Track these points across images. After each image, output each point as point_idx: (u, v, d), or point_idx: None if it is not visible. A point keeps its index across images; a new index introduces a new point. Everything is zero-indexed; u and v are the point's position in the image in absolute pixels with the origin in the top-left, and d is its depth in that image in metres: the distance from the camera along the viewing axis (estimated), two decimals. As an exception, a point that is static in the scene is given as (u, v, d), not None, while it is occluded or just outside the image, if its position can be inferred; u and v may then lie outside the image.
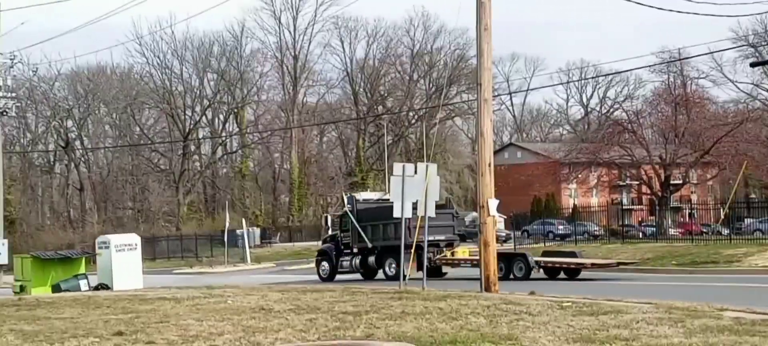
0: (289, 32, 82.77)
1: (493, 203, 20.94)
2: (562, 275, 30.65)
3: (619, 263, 32.55)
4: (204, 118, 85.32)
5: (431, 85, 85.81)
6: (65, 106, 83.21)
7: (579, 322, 13.23)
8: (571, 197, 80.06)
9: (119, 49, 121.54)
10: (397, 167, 23.35)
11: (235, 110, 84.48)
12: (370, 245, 34.13)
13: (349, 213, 34.93)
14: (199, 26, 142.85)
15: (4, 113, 45.57)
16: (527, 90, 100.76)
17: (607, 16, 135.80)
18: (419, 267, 29.01)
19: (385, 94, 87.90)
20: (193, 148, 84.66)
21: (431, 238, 30.69)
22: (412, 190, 22.49)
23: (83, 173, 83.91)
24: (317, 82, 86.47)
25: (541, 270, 30.72)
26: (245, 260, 54.48)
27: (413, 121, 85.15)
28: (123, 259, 30.88)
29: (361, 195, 39.44)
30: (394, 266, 31.99)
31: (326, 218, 41.42)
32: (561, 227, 62.79)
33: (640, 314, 13.86)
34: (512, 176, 77.20)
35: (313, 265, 38.61)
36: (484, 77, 21.01)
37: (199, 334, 13.15)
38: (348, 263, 35.19)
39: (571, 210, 69.26)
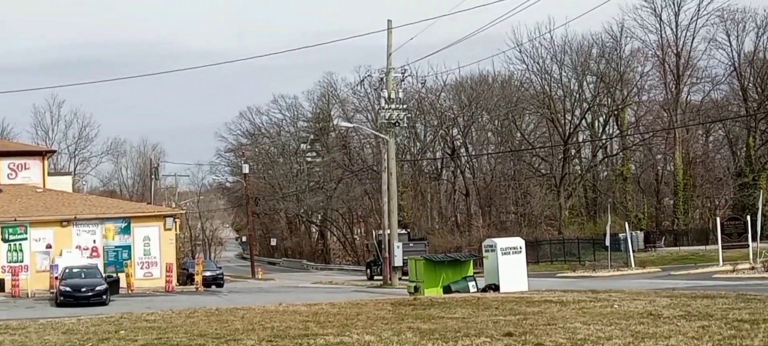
0: (671, 29, 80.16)
1: None
2: None
3: None
4: (584, 121, 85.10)
5: (833, 74, 78.32)
6: (451, 115, 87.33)
7: None
8: None
9: (500, 57, 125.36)
10: (796, 166, 21.70)
11: (616, 112, 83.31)
12: (381, 260, 53.02)
13: (375, 242, 58.74)
14: (577, 29, 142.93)
15: (397, 124, 48.67)
16: None
17: None
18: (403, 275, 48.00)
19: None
20: (573, 152, 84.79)
21: (408, 258, 45.15)
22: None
23: (468, 178, 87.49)
24: (702, 79, 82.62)
25: None
26: (629, 265, 53.47)
27: (811, 115, 78.34)
28: (508, 261, 31.93)
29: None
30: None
31: (367, 245, 68.79)
32: None
33: None
34: None
35: (701, 270, 47.90)
36: None
37: (586, 337, 13.16)
38: (376, 270, 57.25)
39: None
